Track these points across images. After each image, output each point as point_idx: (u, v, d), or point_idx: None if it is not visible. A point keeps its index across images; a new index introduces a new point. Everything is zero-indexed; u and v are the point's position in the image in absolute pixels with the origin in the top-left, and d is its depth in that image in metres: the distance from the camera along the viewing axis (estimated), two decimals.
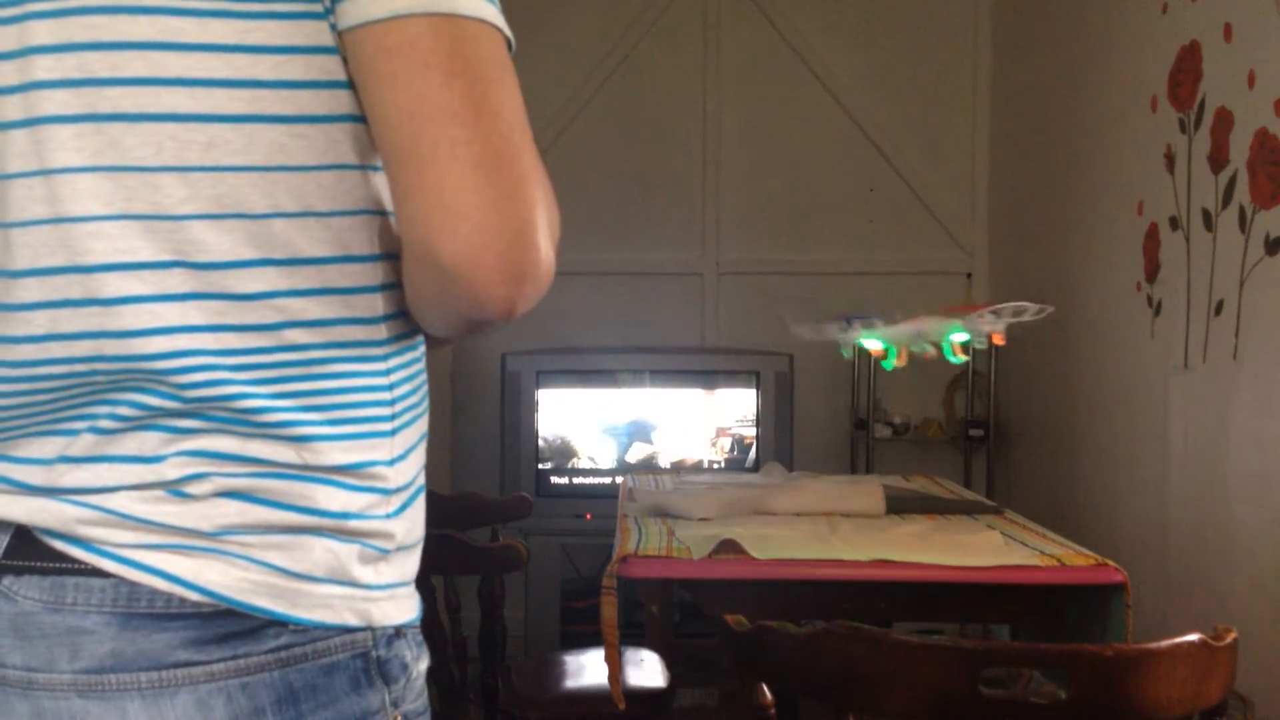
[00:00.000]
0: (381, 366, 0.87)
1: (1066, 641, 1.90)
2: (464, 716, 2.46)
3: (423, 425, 0.93)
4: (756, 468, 4.05)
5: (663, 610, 2.94)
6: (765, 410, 4.15)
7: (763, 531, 2.42)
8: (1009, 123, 4.59)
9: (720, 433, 4.23)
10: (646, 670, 2.77)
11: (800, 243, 4.74)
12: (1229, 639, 1.28)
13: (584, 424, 4.21)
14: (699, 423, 4.23)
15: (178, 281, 0.81)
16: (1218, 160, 2.95)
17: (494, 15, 0.82)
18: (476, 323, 0.85)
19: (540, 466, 4.14)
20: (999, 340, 3.23)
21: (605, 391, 4.25)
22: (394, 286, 0.87)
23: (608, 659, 2.15)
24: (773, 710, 1.36)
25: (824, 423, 4.67)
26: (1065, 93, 4.00)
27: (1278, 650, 2.63)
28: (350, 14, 0.80)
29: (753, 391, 4.19)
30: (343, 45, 0.81)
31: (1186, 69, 3.11)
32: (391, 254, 0.87)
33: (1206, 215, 3.01)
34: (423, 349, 0.94)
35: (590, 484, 4.16)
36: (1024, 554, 2.23)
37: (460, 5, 0.80)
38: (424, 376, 0.94)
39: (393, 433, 0.88)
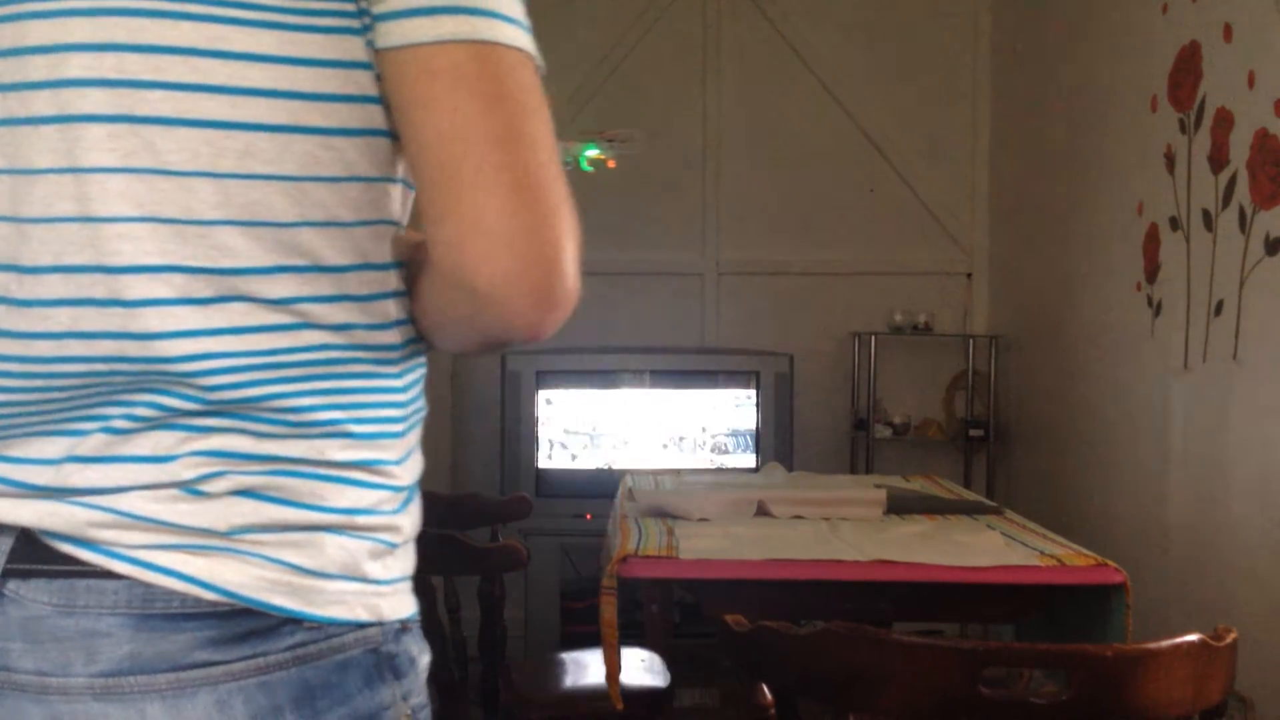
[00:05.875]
0: (395, 370, 0.89)
1: (1066, 641, 1.90)
2: (464, 716, 2.46)
3: (422, 427, 0.95)
4: (757, 468, 4.05)
5: (663, 610, 2.94)
6: (765, 410, 4.15)
7: (763, 532, 2.42)
8: (1009, 123, 4.59)
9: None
10: (646, 670, 2.77)
11: (800, 243, 4.74)
12: (1229, 639, 1.28)
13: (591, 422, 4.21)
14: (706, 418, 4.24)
15: (203, 285, 0.81)
16: (1218, 160, 2.95)
17: (531, 46, 0.84)
18: (501, 344, 0.86)
19: (540, 466, 4.14)
20: (611, 164, 3.67)
21: (606, 391, 4.25)
22: (403, 294, 0.88)
23: (606, 659, 2.15)
24: (773, 710, 1.36)
25: (824, 423, 4.67)
26: (1065, 93, 4.00)
27: (1278, 650, 2.63)
28: (393, 34, 0.80)
29: (753, 391, 4.18)
30: (379, 63, 0.82)
31: (1186, 69, 3.11)
32: (400, 262, 0.88)
33: (1206, 215, 3.01)
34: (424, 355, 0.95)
35: (590, 484, 4.15)
36: (1024, 554, 2.23)
37: (502, 35, 0.81)
38: (425, 380, 0.95)
39: (403, 433, 0.90)
